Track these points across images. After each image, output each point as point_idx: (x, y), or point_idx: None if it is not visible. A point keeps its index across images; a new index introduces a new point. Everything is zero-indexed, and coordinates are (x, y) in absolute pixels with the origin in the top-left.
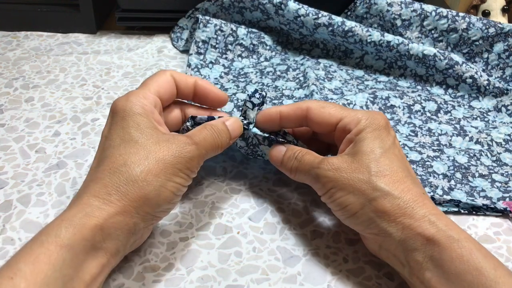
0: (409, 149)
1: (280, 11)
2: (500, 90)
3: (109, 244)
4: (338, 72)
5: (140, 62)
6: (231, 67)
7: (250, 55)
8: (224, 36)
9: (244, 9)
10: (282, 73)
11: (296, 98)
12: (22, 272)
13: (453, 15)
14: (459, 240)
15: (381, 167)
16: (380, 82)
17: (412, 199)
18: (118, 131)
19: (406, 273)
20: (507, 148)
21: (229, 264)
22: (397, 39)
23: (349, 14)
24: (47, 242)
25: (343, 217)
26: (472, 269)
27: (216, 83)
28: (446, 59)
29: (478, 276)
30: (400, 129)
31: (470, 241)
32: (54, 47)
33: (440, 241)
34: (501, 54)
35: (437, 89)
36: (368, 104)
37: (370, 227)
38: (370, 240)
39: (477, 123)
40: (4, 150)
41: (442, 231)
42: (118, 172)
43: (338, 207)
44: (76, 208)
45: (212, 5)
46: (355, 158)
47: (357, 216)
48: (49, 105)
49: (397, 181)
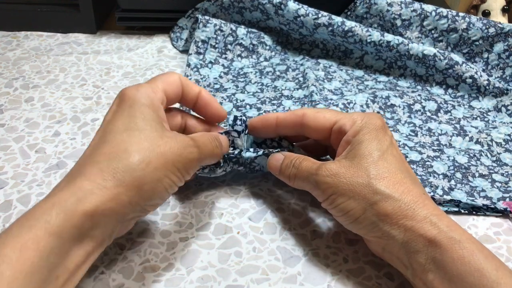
0: (409, 149)
1: (279, 11)
2: (500, 90)
3: (97, 232)
4: (338, 72)
5: (140, 62)
6: (230, 67)
7: (250, 55)
8: (223, 36)
9: (243, 9)
10: (282, 73)
11: (295, 99)
12: (8, 258)
13: (453, 15)
14: (460, 241)
15: (380, 169)
16: (380, 82)
17: (413, 200)
18: (124, 119)
19: (409, 275)
20: (507, 148)
21: (229, 264)
22: (397, 39)
23: (349, 14)
24: (36, 228)
25: (346, 222)
26: (474, 270)
27: (215, 83)
28: (446, 59)
29: (480, 277)
30: (400, 128)
31: (471, 242)
32: (54, 47)
33: (442, 243)
34: (501, 54)
35: (437, 89)
36: (368, 103)
37: (373, 231)
38: (373, 243)
39: (477, 123)
40: (4, 150)
41: (444, 232)
42: (118, 158)
43: (340, 212)
44: (68, 191)
45: (212, 5)
46: (353, 162)
47: (359, 221)
48: (49, 105)
49: (397, 182)
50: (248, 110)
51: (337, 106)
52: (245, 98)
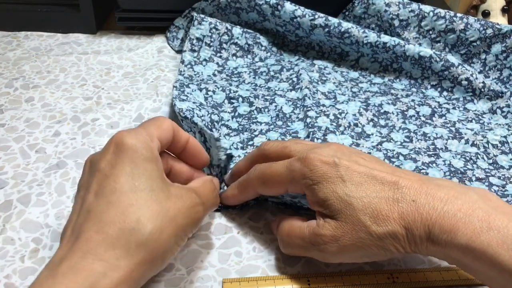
0: (403, 158)
1: (276, 12)
2: (495, 93)
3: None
4: (333, 74)
5: (140, 62)
6: (225, 65)
7: (245, 55)
8: (219, 34)
9: (240, 10)
10: (276, 73)
11: (288, 99)
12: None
13: (450, 16)
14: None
15: (366, 209)
16: (374, 84)
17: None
18: (127, 176)
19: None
20: (503, 151)
21: (229, 264)
22: (394, 40)
23: (347, 14)
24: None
25: (386, 258)
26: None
27: (208, 80)
28: (442, 60)
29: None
30: (394, 136)
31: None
32: (54, 47)
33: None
34: (498, 55)
35: (432, 92)
36: (361, 111)
37: (412, 252)
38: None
39: (472, 125)
40: (4, 150)
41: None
42: (130, 229)
43: (370, 260)
44: (80, 275)
45: (209, 5)
46: (339, 219)
47: (393, 254)
48: (49, 105)
49: (386, 211)
50: (240, 104)
51: (328, 117)
52: (239, 90)
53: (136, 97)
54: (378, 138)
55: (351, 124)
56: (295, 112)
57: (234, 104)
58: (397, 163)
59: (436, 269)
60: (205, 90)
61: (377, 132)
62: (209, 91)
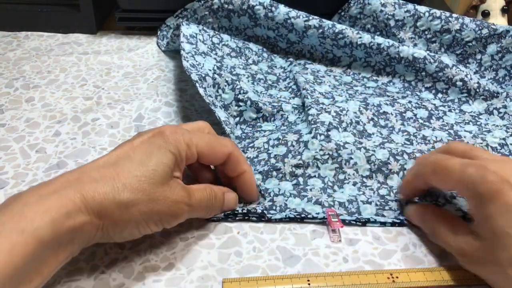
0: (407, 157)
1: (270, 13)
2: (490, 93)
3: (70, 246)
4: (326, 77)
5: (141, 62)
6: (222, 63)
7: (239, 56)
8: (209, 36)
9: (232, 13)
10: (274, 82)
11: (295, 105)
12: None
13: (446, 16)
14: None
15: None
16: (369, 87)
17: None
18: (145, 155)
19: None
20: (502, 153)
21: (229, 263)
22: (388, 42)
23: (342, 15)
24: (27, 233)
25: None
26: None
27: (214, 72)
28: (436, 61)
29: None
30: (395, 138)
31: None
32: (55, 47)
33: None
34: (494, 55)
35: (426, 94)
36: (361, 109)
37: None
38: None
39: (470, 127)
40: (4, 150)
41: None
42: (113, 188)
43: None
44: (61, 201)
45: (201, 7)
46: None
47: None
48: (50, 105)
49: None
50: (248, 108)
51: (330, 113)
52: (249, 91)
53: (136, 97)
54: (379, 139)
55: (352, 121)
56: (300, 117)
57: (241, 108)
58: (401, 162)
59: (436, 269)
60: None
61: (378, 132)
62: (219, 89)
